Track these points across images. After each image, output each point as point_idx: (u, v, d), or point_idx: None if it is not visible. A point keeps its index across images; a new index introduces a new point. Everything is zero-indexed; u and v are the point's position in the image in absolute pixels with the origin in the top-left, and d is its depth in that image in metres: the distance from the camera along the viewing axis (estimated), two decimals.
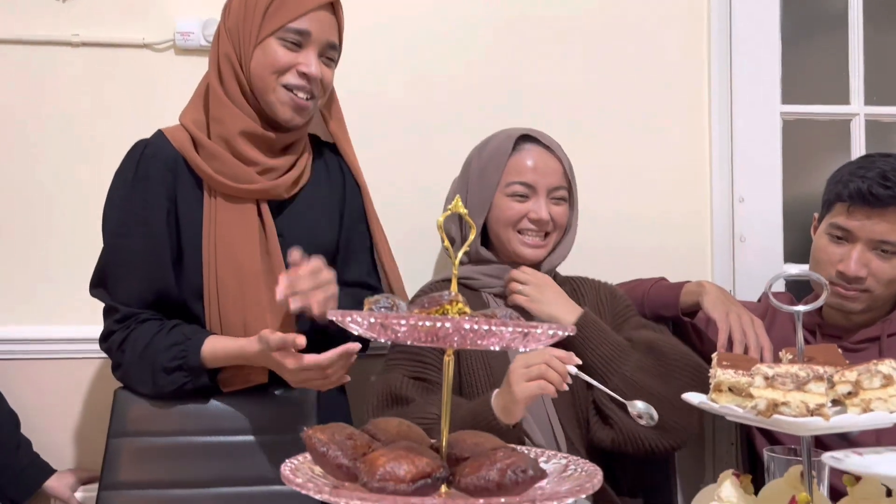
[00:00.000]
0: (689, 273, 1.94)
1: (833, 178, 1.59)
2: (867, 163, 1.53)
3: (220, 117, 1.41)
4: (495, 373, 1.44)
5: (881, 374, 0.76)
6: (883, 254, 1.49)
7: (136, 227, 1.39)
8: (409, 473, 0.69)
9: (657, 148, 2.00)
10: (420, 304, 0.73)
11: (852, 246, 1.50)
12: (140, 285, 1.40)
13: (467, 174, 1.61)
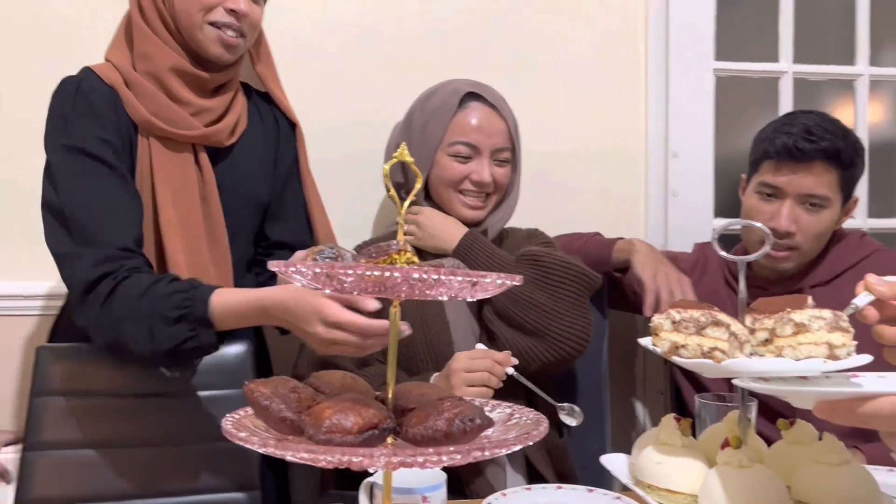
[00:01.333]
0: (625, 226, 1.98)
1: (758, 137, 1.62)
2: (791, 119, 1.56)
3: (146, 52, 1.34)
4: (437, 356, 1.44)
5: (792, 322, 0.78)
6: (811, 207, 1.52)
7: (97, 165, 1.27)
8: (355, 425, 0.68)
9: (595, 103, 2.00)
10: (367, 254, 0.71)
11: (781, 202, 1.53)
12: (123, 224, 1.26)
13: (409, 125, 1.58)
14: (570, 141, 1.99)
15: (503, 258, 1.48)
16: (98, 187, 1.26)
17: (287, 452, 0.64)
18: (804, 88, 2.15)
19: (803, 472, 0.78)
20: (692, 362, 0.78)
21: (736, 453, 0.77)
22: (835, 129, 1.52)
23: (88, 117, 1.29)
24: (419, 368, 1.44)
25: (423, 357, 1.44)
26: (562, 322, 1.42)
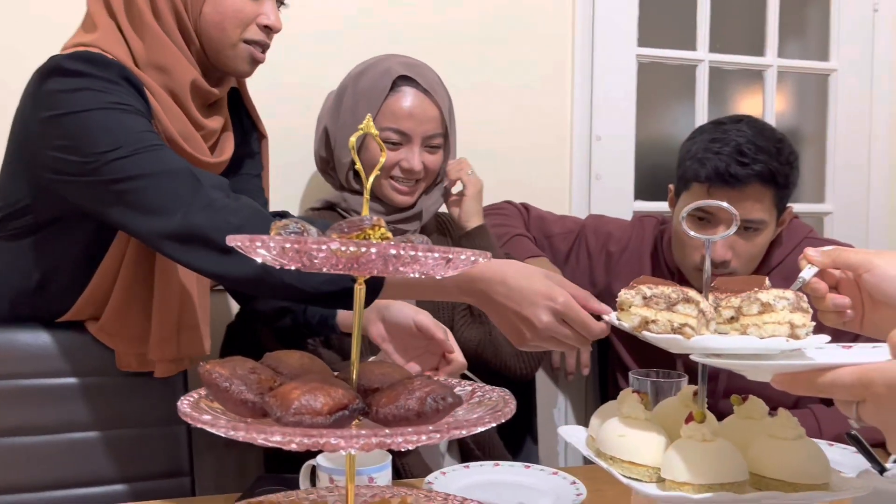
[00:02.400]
0: (550, 207, 2.00)
1: (687, 151, 1.52)
2: (719, 135, 1.46)
3: (163, 64, 1.20)
4: (374, 344, 1.42)
5: (759, 302, 0.81)
6: (746, 232, 1.46)
7: (155, 136, 1.12)
8: (325, 405, 0.66)
9: (523, 87, 2.01)
10: (337, 228, 0.68)
11: (715, 228, 1.45)
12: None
13: (340, 103, 1.53)
14: (498, 124, 1.99)
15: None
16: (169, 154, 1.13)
17: (258, 436, 0.61)
18: (718, 77, 2.23)
19: (758, 447, 0.82)
20: (662, 337, 0.80)
21: (699, 427, 0.79)
22: (768, 147, 1.44)
23: (126, 91, 1.14)
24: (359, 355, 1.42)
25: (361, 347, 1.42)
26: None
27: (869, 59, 2.34)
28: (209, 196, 1.06)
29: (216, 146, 1.30)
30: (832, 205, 2.36)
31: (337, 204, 1.54)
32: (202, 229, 1.03)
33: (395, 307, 1.18)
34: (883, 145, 2.36)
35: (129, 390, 1.27)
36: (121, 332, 1.26)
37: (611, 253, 1.75)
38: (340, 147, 1.51)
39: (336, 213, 1.54)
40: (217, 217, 1.04)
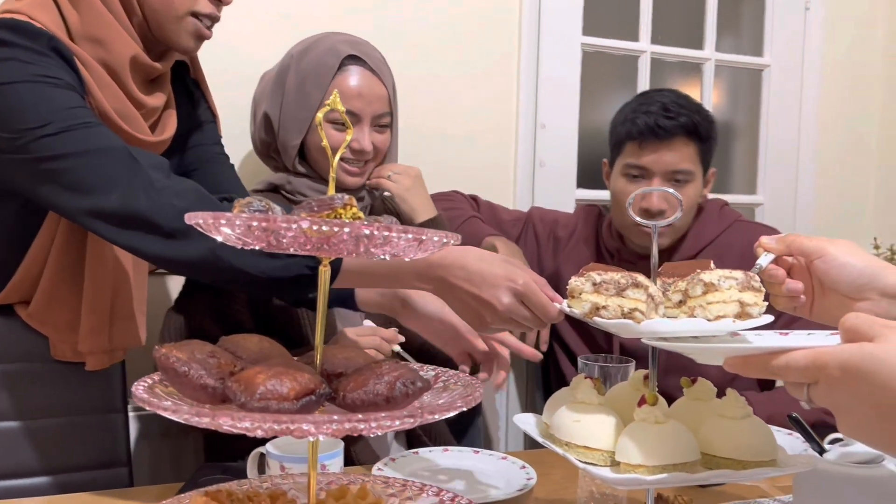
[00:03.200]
0: (495, 193, 2.01)
1: (617, 120, 1.65)
2: (646, 99, 1.61)
3: (101, 38, 1.12)
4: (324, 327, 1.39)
5: (702, 283, 0.83)
6: (677, 183, 1.58)
7: (87, 112, 1.06)
8: (292, 391, 0.63)
9: (470, 73, 2.00)
10: (307, 207, 0.65)
11: (649, 182, 1.57)
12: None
13: (283, 83, 1.48)
14: (444, 110, 1.97)
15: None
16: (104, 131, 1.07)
17: (224, 422, 0.58)
18: (659, 68, 2.27)
19: (708, 427, 0.83)
20: (612, 323, 0.80)
21: (652, 410, 0.80)
22: (689, 104, 1.58)
23: (49, 60, 1.06)
24: (304, 342, 1.39)
25: (307, 332, 1.39)
26: None
27: (800, 56, 2.43)
28: (149, 176, 1.02)
29: (157, 124, 1.24)
30: (763, 196, 2.44)
31: (281, 186, 1.50)
32: (144, 212, 1.00)
33: (419, 299, 1.18)
34: (810, 140, 2.45)
35: (63, 378, 1.21)
36: (51, 319, 1.20)
37: (558, 238, 1.78)
38: (286, 129, 1.47)
39: (281, 195, 1.50)
40: (160, 199, 1.00)
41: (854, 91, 2.53)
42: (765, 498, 1.17)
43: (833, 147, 2.50)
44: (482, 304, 1.00)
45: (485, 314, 1.00)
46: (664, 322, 0.81)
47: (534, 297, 0.98)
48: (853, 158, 2.56)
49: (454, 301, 1.03)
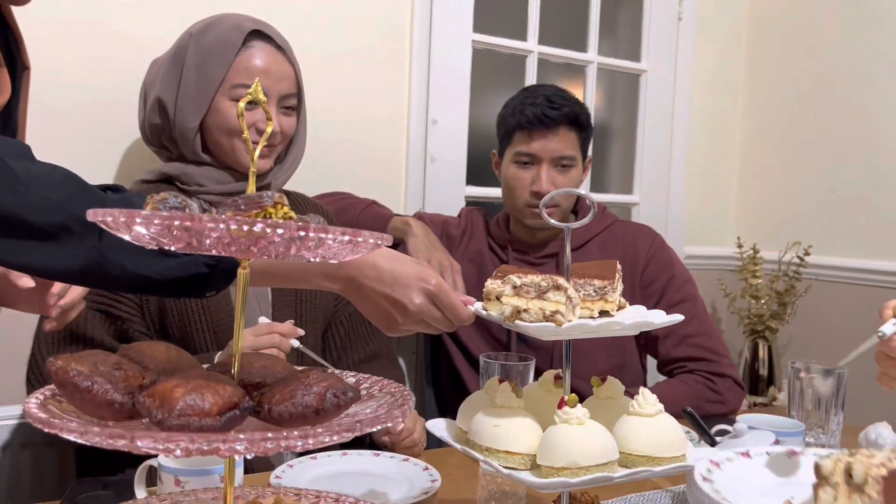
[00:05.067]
0: (387, 189, 1.98)
1: (505, 113, 1.75)
2: (530, 93, 1.72)
3: None
4: (220, 339, 1.31)
5: (594, 286, 0.86)
6: (563, 168, 1.69)
7: None
8: (215, 405, 0.58)
9: (362, 68, 1.95)
10: (232, 205, 0.60)
11: (538, 167, 1.68)
12: None
13: (181, 62, 1.38)
14: (335, 105, 1.92)
15: None
16: None
17: (145, 444, 0.52)
18: (546, 68, 2.32)
19: (623, 424, 0.85)
20: (534, 326, 0.80)
21: (574, 412, 0.80)
22: (569, 97, 1.72)
23: None
24: (199, 350, 1.30)
25: (204, 339, 1.31)
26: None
27: (673, 62, 2.55)
28: (10, 167, 0.89)
29: None
30: (639, 196, 2.55)
31: (176, 177, 1.39)
32: (11, 210, 0.86)
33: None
34: (682, 143, 2.59)
35: None
36: None
37: (451, 236, 1.80)
38: (184, 110, 1.36)
39: (175, 187, 1.39)
40: (29, 193, 0.88)
41: (720, 98, 2.70)
42: (658, 490, 1.22)
43: (701, 151, 2.66)
44: (393, 304, 0.97)
45: (396, 315, 0.97)
46: (585, 323, 0.81)
47: (445, 298, 0.96)
48: (718, 162, 2.72)
49: (364, 301, 0.99)
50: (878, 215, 2.32)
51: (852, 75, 2.38)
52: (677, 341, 1.65)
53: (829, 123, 2.45)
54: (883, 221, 2.30)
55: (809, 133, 2.51)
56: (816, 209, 2.48)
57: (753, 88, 2.70)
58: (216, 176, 1.39)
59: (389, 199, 1.91)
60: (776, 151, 2.63)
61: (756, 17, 2.69)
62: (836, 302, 2.39)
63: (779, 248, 2.46)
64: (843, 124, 2.40)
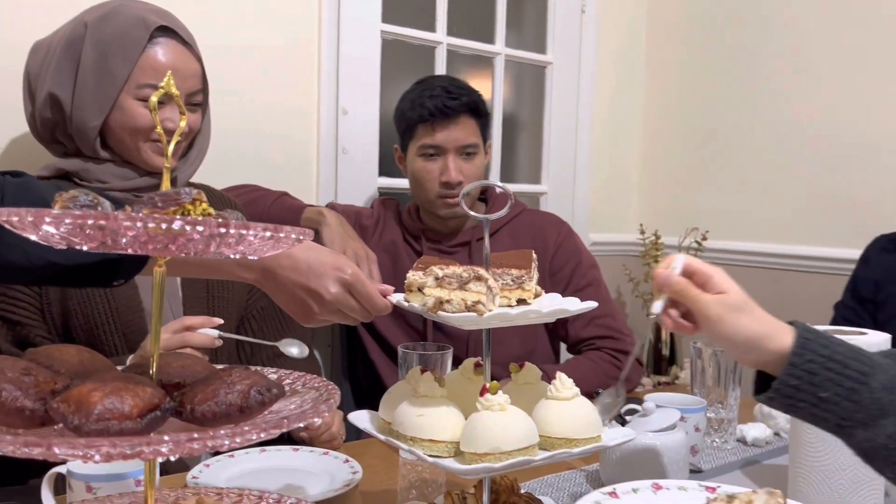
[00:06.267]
0: (298, 181, 1.96)
1: (403, 108, 1.76)
2: (425, 85, 1.74)
3: None
4: (130, 342, 1.27)
5: (512, 276, 0.90)
6: (468, 157, 1.72)
7: None
8: (135, 408, 0.57)
9: (270, 59, 1.92)
10: (149, 202, 0.58)
11: (444, 158, 1.71)
12: None
13: (76, 55, 1.29)
14: (244, 96, 1.87)
15: None
16: None
17: (62, 451, 0.50)
18: (455, 59, 2.34)
19: (542, 409, 0.87)
20: (456, 316, 0.81)
21: (495, 398, 0.82)
22: (465, 86, 1.74)
23: None
24: (108, 353, 1.25)
25: (113, 341, 1.26)
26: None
27: (577, 55, 2.62)
28: None
29: None
30: (547, 185, 2.61)
31: (74, 173, 1.32)
32: None
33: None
34: (586, 133, 2.67)
35: None
36: None
37: (365, 227, 1.80)
38: (83, 109, 1.29)
39: (73, 183, 1.32)
40: None
41: (622, 90, 2.79)
42: (572, 469, 1.27)
43: (604, 141, 2.74)
44: (309, 293, 0.96)
45: (312, 304, 0.97)
46: (505, 312, 0.84)
47: (362, 287, 0.97)
48: (621, 152, 2.82)
49: (279, 292, 0.98)
50: (769, 202, 2.46)
51: (746, 69, 2.51)
52: (585, 323, 1.72)
53: (724, 115, 2.58)
54: (773, 207, 2.45)
55: (705, 124, 2.64)
56: (712, 197, 2.61)
57: (653, 81, 2.81)
58: (118, 172, 1.33)
59: (301, 192, 1.89)
60: (675, 142, 2.74)
61: (655, 11, 2.80)
62: None
63: (678, 233, 2.58)
64: (737, 116, 2.54)
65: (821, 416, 0.79)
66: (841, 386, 0.78)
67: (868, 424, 0.77)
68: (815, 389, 0.78)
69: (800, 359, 0.79)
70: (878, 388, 0.77)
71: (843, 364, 0.78)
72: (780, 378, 0.80)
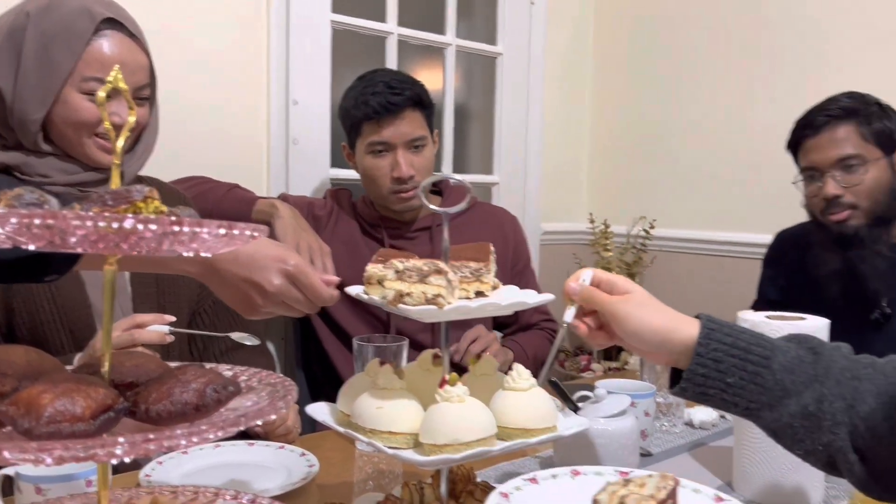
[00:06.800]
0: (248, 173, 1.94)
1: (347, 106, 1.74)
2: (368, 82, 1.72)
3: None
4: (78, 340, 1.24)
5: (470, 269, 0.91)
6: (417, 150, 1.72)
7: None
8: (87, 409, 0.56)
9: (218, 49, 1.89)
10: (99, 201, 0.57)
11: (394, 153, 1.70)
12: None
13: (18, 45, 1.23)
14: (191, 87, 1.84)
15: None
16: None
17: (12, 455, 0.49)
18: (406, 50, 2.33)
19: (500, 400, 0.88)
20: (416, 309, 0.82)
21: (454, 390, 0.83)
22: (407, 79, 1.73)
23: None
24: (54, 352, 1.22)
25: (60, 339, 1.23)
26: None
27: (527, 46, 2.64)
28: None
29: None
30: (498, 176, 2.63)
31: (16, 167, 1.27)
32: None
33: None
34: (537, 125, 2.69)
35: None
36: None
37: (318, 217, 1.79)
38: (25, 101, 1.24)
39: (13, 177, 1.28)
40: None
41: (571, 82, 2.82)
42: (526, 457, 1.29)
43: (555, 132, 2.77)
44: (252, 286, 0.96)
45: (254, 297, 0.96)
46: (464, 305, 0.84)
47: (305, 278, 0.96)
48: (571, 143, 2.86)
49: (221, 285, 0.98)
50: (713, 191, 2.53)
51: (691, 62, 2.57)
52: (533, 310, 1.78)
53: (670, 109, 2.63)
54: (717, 196, 2.52)
55: (652, 118, 2.69)
56: (659, 186, 2.67)
57: (601, 75, 2.85)
58: (62, 166, 1.29)
59: (251, 183, 1.86)
60: (623, 134, 2.79)
61: (602, 6, 2.83)
62: (678, 270, 2.59)
63: (627, 222, 2.63)
64: (683, 108, 2.59)
65: (731, 402, 0.84)
66: (745, 371, 0.82)
67: (773, 405, 0.82)
68: (722, 376, 0.83)
69: (705, 348, 0.83)
70: (778, 370, 0.82)
71: (746, 350, 0.83)
72: (690, 367, 0.84)
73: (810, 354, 0.84)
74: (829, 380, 0.81)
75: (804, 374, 0.82)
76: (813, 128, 1.63)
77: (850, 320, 1.65)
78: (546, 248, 2.74)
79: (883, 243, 1.60)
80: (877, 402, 0.78)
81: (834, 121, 1.61)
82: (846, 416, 0.80)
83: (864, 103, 1.61)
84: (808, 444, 0.81)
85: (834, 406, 0.80)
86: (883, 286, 1.61)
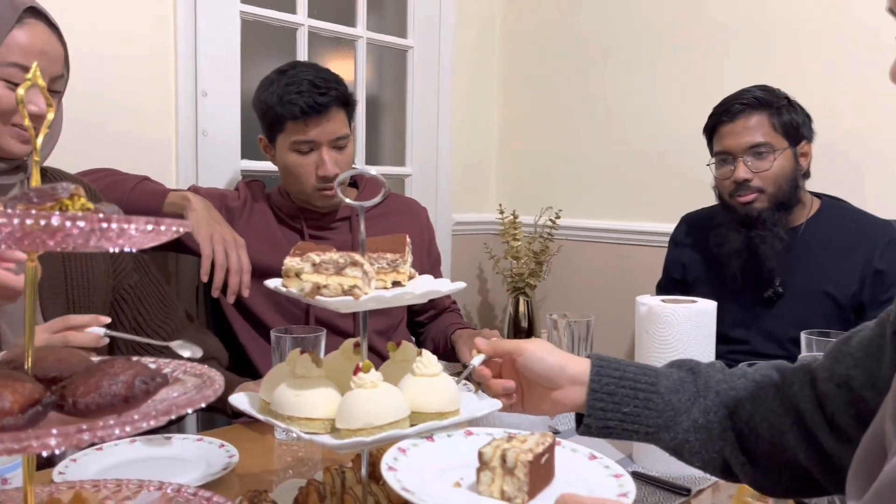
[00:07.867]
0: (156, 164, 1.91)
1: (268, 101, 1.69)
2: (291, 78, 1.68)
3: None
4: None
5: (387, 260, 0.95)
6: (340, 149, 1.73)
7: None
8: (15, 404, 0.57)
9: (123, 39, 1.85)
10: (23, 198, 0.58)
11: (319, 152, 1.70)
12: None
13: None
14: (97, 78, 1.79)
15: None
16: None
17: None
18: (317, 42, 2.33)
19: (409, 385, 0.93)
20: (334, 301, 0.85)
21: (367, 376, 0.87)
22: (331, 77, 1.72)
23: None
24: None
25: None
26: None
27: (437, 40, 2.68)
28: None
29: None
30: (411, 168, 2.67)
31: None
32: None
33: None
34: (447, 117, 2.74)
35: None
36: None
37: (231, 209, 1.77)
38: None
39: None
40: None
41: (479, 75, 2.89)
42: None
43: (464, 125, 2.84)
44: None
45: None
46: (380, 295, 0.88)
47: None
48: (480, 135, 2.93)
49: None
50: (615, 182, 2.65)
51: (595, 57, 2.67)
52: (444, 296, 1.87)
53: (574, 103, 2.73)
54: (619, 187, 2.64)
55: (558, 112, 2.79)
56: (565, 177, 2.77)
57: (508, 68, 2.93)
58: None
59: (160, 175, 1.83)
60: (530, 128, 2.88)
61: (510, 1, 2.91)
62: (582, 258, 2.71)
63: (534, 212, 2.72)
64: (587, 102, 2.70)
65: (631, 430, 0.93)
66: (637, 398, 0.92)
67: (668, 426, 0.91)
68: (618, 406, 0.92)
69: (598, 384, 0.93)
70: (665, 392, 0.92)
71: (634, 380, 0.93)
72: (589, 404, 0.93)
73: (690, 374, 0.94)
74: (709, 392, 0.91)
75: (688, 392, 0.92)
76: (729, 114, 1.79)
77: (746, 297, 1.83)
78: (458, 238, 2.80)
79: (782, 227, 1.77)
80: (752, 406, 0.89)
81: (749, 109, 1.77)
82: (730, 422, 0.90)
83: (776, 96, 1.79)
84: (704, 454, 0.91)
85: (718, 415, 0.90)
86: (778, 267, 1.78)
